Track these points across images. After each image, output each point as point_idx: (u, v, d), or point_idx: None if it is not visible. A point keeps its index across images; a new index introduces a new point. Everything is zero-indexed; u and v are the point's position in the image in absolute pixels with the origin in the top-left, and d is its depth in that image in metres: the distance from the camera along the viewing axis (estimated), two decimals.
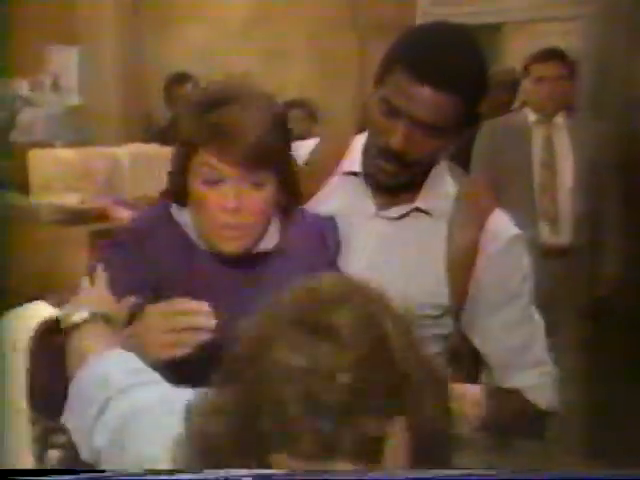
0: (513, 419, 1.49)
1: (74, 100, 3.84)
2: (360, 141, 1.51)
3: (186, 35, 4.26)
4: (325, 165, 1.53)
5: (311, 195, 1.50)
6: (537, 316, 1.51)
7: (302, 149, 1.55)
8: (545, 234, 3.02)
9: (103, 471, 0.91)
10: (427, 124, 1.35)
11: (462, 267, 1.47)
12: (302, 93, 4.35)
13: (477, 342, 1.50)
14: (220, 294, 1.33)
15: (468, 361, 1.54)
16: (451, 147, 1.48)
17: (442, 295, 1.46)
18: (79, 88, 3.87)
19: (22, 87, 3.65)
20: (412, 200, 1.47)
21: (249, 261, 1.38)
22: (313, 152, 1.55)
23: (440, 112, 1.35)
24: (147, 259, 1.34)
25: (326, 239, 1.47)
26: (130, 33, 4.06)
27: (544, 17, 4.69)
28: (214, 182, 1.29)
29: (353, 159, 1.49)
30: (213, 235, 1.33)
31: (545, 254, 2.83)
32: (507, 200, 1.62)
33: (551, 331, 1.55)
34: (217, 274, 1.37)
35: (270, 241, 1.40)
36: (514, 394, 1.48)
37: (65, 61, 3.84)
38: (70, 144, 3.33)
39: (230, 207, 1.28)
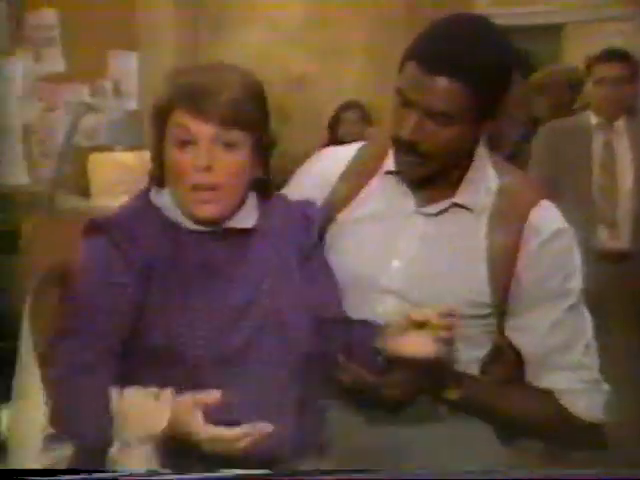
0: (545, 423, 1.47)
1: (133, 105, 3.90)
2: None
3: (243, 38, 4.30)
4: (369, 166, 1.54)
5: (352, 197, 1.52)
6: (586, 318, 1.47)
7: (347, 151, 1.58)
8: (604, 238, 2.97)
9: (105, 471, 0.92)
10: (437, 112, 1.36)
11: (504, 263, 1.44)
12: (359, 94, 4.36)
13: (515, 339, 1.47)
14: (205, 274, 1.36)
15: (513, 361, 1.51)
16: (472, 139, 1.45)
17: (484, 293, 1.44)
18: (138, 93, 3.93)
19: (83, 92, 3.73)
20: (451, 196, 1.46)
21: (230, 239, 1.39)
22: (358, 154, 1.56)
23: (449, 100, 1.35)
24: (133, 249, 1.33)
25: (310, 222, 1.47)
26: (188, 37, 4.12)
27: (606, 17, 4.61)
28: (187, 143, 1.32)
29: (391, 158, 1.50)
30: (187, 199, 1.34)
31: (603, 258, 2.78)
32: (565, 202, 1.57)
33: (604, 337, 1.52)
34: (200, 253, 1.37)
35: (249, 219, 1.41)
36: (546, 395, 1.45)
37: (125, 66, 3.91)
38: (130, 148, 3.39)
39: (202, 165, 1.30)
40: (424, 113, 1.36)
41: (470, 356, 1.47)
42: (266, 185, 1.45)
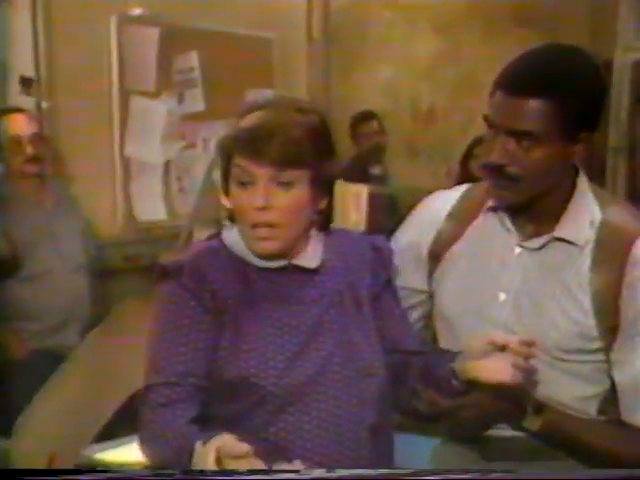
0: (629, 460, 1.42)
1: None
2: None
3: (375, 73, 4.36)
4: (474, 206, 1.58)
5: (458, 235, 1.56)
6: None
7: (454, 193, 1.63)
8: None
9: (108, 471, 0.92)
10: (520, 132, 1.38)
11: (608, 296, 1.44)
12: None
13: (614, 373, 1.46)
14: (275, 309, 1.40)
15: None
16: (562, 163, 1.44)
17: (590, 326, 1.44)
18: None
19: (221, 131, 3.88)
20: (553, 230, 1.47)
21: (297, 274, 1.42)
22: (464, 195, 1.61)
23: (532, 118, 1.37)
24: (203, 290, 1.38)
25: (382, 256, 1.50)
26: (320, 75, 4.22)
27: None
28: (246, 183, 1.35)
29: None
30: (248, 236, 1.38)
31: None
32: None
33: None
34: (269, 289, 1.41)
35: (315, 256, 1.44)
36: (634, 433, 1.43)
37: None
38: None
39: (259, 205, 1.34)
40: (509, 135, 1.39)
41: (584, 392, 1.47)
42: (329, 218, 1.48)
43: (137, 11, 3.53)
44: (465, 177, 4.08)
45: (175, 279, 1.39)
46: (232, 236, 1.44)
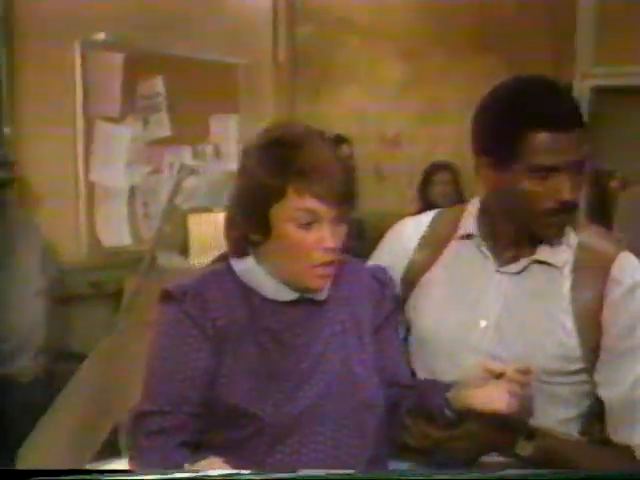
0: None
1: (232, 166, 4.01)
2: (474, 205, 1.56)
3: (341, 98, 4.36)
4: (445, 232, 1.58)
5: (432, 262, 1.56)
6: None
7: (424, 219, 1.63)
8: None
9: (113, 471, 0.92)
10: (582, 165, 1.42)
11: (589, 316, 1.44)
12: (454, 153, 4.33)
13: (601, 392, 1.45)
14: (278, 339, 1.37)
15: None
16: None
17: (573, 347, 1.44)
18: (238, 155, 4.04)
19: (187, 155, 3.86)
20: (531, 253, 1.48)
21: (304, 306, 1.40)
22: (434, 221, 1.61)
23: (583, 149, 1.42)
24: (204, 317, 1.35)
25: (385, 288, 1.49)
26: (286, 99, 4.22)
27: None
28: (309, 223, 1.32)
29: (469, 223, 1.54)
30: (306, 274, 1.35)
31: None
32: None
33: None
34: (274, 319, 1.38)
35: (323, 291, 1.41)
36: (624, 452, 1.42)
37: (225, 129, 4.03)
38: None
39: (331, 246, 1.32)
40: (574, 170, 1.41)
41: (565, 415, 1.46)
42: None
43: (101, 36, 3.50)
44: (424, 203, 4.09)
45: (177, 304, 1.36)
46: (246, 269, 1.39)
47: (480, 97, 1.57)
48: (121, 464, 1.92)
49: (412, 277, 1.57)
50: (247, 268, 1.39)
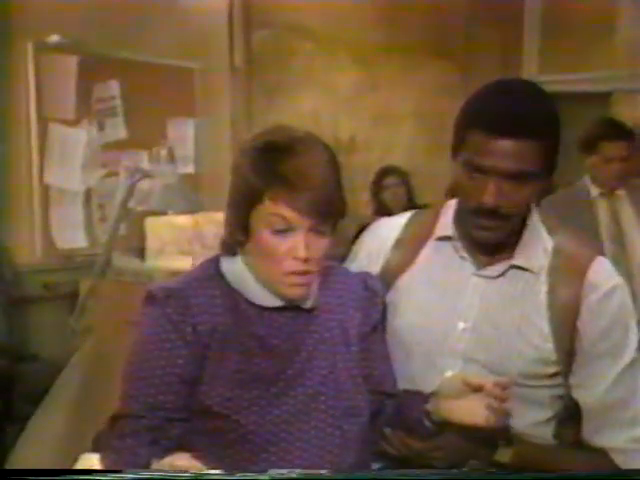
0: None
1: (189, 169, 3.98)
2: (451, 207, 1.54)
3: (296, 103, 4.36)
4: (421, 233, 1.56)
5: (408, 263, 1.54)
6: None
7: (398, 220, 1.61)
8: None
9: (115, 471, 0.93)
10: (514, 174, 1.36)
11: (565, 320, 1.43)
12: (408, 158, 4.35)
13: (578, 395, 1.45)
14: (263, 344, 1.34)
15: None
16: (537, 196, 1.46)
17: (548, 350, 1.43)
18: (194, 158, 4.01)
19: (143, 159, 3.82)
20: (508, 258, 1.47)
21: (291, 312, 1.38)
22: (409, 222, 1.60)
23: (524, 160, 1.35)
24: (187, 321, 1.32)
25: (374, 295, 1.47)
26: (242, 103, 4.20)
27: None
28: (283, 231, 1.29)
29: (445, 224, 1.52)
30: (279, 281, 1.33)
31: None
32: None
33: None
34: (260, 325, 1.36)
35: (311, 299, 1.39)
36: (600, 455, 1.42)
37: (182, 133, 3.99)
38: (183, 211, 3.44)
39: (301, 256, 1.29)
40: (502, 177, 1.36)
41: (539, 418, 1.46)
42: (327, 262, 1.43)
43: (55, 38, 3.45)
44: (377, 207, 4.11)
45: (160, 307, 1.32)
46: (234, 271, 1.37)
47: (432, 102, 1.57)
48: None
49: (388, 278, 1.54)
50: (235, 271, 1.37)
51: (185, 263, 3.45)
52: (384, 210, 4.00)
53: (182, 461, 1.13)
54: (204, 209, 3.57)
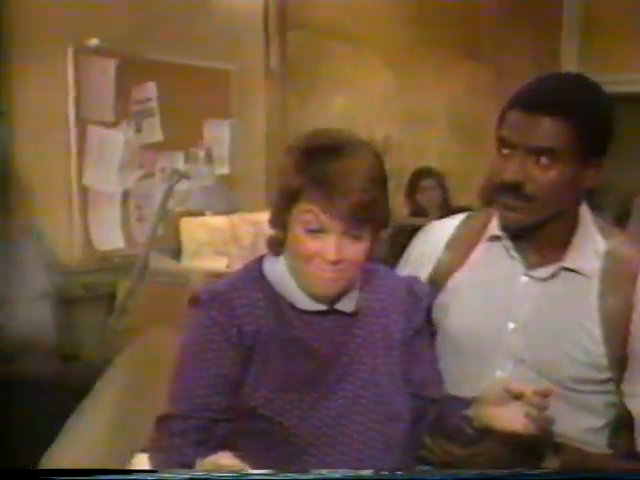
0: None
1: (224, 170, 3.96)
2: None
3: (329, 104, 4.34)
4: (474, 234, 1.54)
5: (459, 264, 1.52)
6: None
7: (452, 222, 1.60)
8: None
9: (117, 471, 0.93)
10: (539, 149, 1.35)
11: (618, 325, 1.40)
12: (441, 159, 4.31)
13: (630, 405, 1.41)
14: (306, 347, 1.34)
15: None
16: (574, 187, 1.41)
17: (599, 354, 1.40)
18: (229, 159, 4.00)
19: (179, 160, 3.81)
20: (559, 259, 1.44)
21: (334, 316, 1.36)
22: (462, 224, 1.58)
23: (550, 136, 1.34)
24: (231, 323, 1.32)
25: (418, 299, 1.45)
26: (277, 104, 4.18)
27: None
28: (316, 231, 1.28)
29: (494, 224, 1.50)
30: (310, 280, 1.32)
31: None
32: None
33: None
34: (303, 328, 1.35)
35: (352, 301, 1.38)
36: None
37: (217, 134, 3.98)
38: (220, 212, 3.43)
39: (331, 259, 1.27)
40: (527, 153, 1.36)
41: (593, 424, 1.43)
42: (370, 265, 1.42)
43: (94, 42, 3.44)
44: (413, 208, 4.08)
45: (205, 309, 1.34)
46: (275, 272, 1.37)
47: (464, 103, 1.57)
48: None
49: (439, 279, 1.54)
50: (276, 273, 1.36)
51: (221, 264, 3.45)
52: (419, 211, 3.97)
53: (225, 460, 1.14)
54: (240, 210, 3.55)
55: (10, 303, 2.85)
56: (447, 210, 3.90)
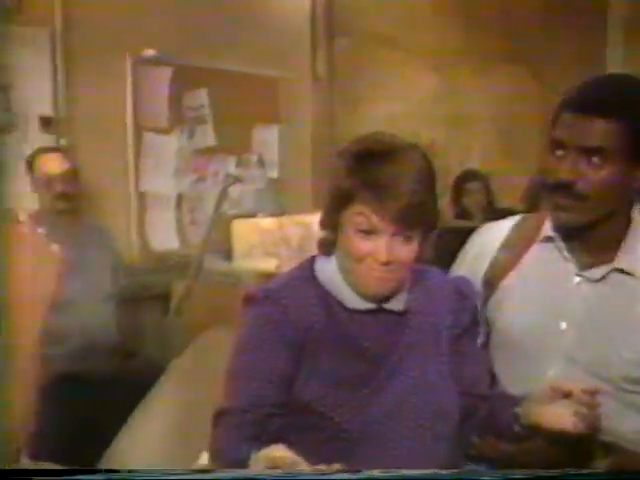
0: None
1: (273, 174, 4.04)
2: None
3: (375, 107, 4.38)
4: (528, 235, 1.56)
5: (513, 264, 1.54)
6: None
7: (506, 223, 1.60)
8: None
9: (117, 471, 0.93)
10: (592, 149, 1.36)
11: None
12: (485, 161, 4.33)
13: None
14: (356, 346, 1.36)
15: None
16: (626, 188, 1.43)
17: None
18: (279, 163, 4.07)
19: (230, 164, 3.90)
20: (611, 260, 1.45)
21: (383, 315, 1.38)
22: (516, 225, 1.59)
23: (603, 136, 1.36)
24: (285, 321, 1.35)
25: (466, 299, 1.46)
26: (324, 110, 4.24)
27: None
28: (368, 232, 1.31)
29: (548, 226, 1.51)
30: (361, 279, 1.35)
31: None
32: None
33: None
34: (353, 327, 1.37)
35: (402, 300, 1.40)
36: None
37: (266, 139, 4.06)
38: (271, 214, 3.50)
39: (382, 260, 1.30)
40: (580, 153, 1.38)
41: None
42: (419, 266, 1.43)
43: (150, 52, 3.55)
44: (458, 210, 4.09)
45: (259, 308, 1.37)
46: (326, 272, 1.40)
47: (507, 107, 1.59)
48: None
49: (494, 278, 1.55)
50: (329, 275, 1.39)
51: (271, 264, 3.52)
52: (464, 214, 4.00)
53: (279, 452, 1.15)
54: (289, 212, 3.63)
55: (78, 304, 2.94)
56: (492, 212, 3.93)
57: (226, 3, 3.76)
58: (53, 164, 3.00)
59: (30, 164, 3.01)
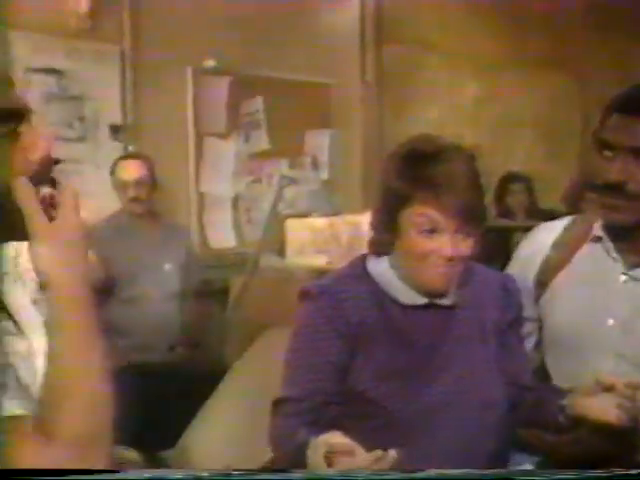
0: None
1: (325, 176, 4.19)
2: None
3: (422, 112, 4.49)
4: (579, 235, 1.59)
5: (564, 264, 1.57)
6: None
7: (559, 223, 1.64)
8: None
9: (117, 471, 0.93)
10: (639, 149, 1.39)
11: None
12: (527, 164, 4.40)
13: None
14: (407, 340, 1.42)
15: None
16: None
17: None
18: (329, 165, 4.22)
19: (283, 166, 4.07)
20: None
21: (432, 310, 1.44)
22: (568, 225, 1.63)
23: None
24: (339, 315, 1.41)
25: (510, 295, 1.51)
26: (373, 115, 4.38)
27: None
28: (431, 231, 1.35)
29: (597, 226, 1.55)
30: (426, 276, 1.38)
31: None
32: None
33: None
34: (404, 322, 1.43)
35: (451, 297, 1.45)
36: None
37: (318, 143, 4.21)
38: (324, 214, 3.66)
39: (447, 255, 1.35)
40: (628, 153, 1.39)
41: None
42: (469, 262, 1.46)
43: (210, 63, 3.75)
44: (501, 210, 4.18)
45: (314, 303, 1.42)
46: (378, 269, 1.43)
47: (549, 112, 1.60)
48: None
49: (545, 277, 1.57)
50: (382, 271, 1.42)
51: (322, 261, 3.67)
52: (507, 213, 4.09)
53: (336, 439, 1.18)
54: (340, 212, 3.78)
55: (150, 300, 3.13)
56: (534, 213, 4.02)
57: (279, 16, 3.93)
58: (128, 170, 3.20)
59: (112, 169, 3.23)
